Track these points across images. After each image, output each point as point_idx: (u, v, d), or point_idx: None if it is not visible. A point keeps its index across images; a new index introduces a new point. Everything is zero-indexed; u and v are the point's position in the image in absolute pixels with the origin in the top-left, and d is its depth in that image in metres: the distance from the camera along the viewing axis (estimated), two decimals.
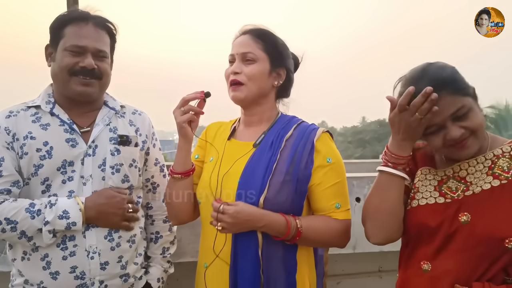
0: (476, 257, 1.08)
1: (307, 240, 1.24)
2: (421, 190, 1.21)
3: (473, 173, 1.16)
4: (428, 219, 1.16)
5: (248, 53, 1.30)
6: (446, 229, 1.12)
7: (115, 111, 1.47)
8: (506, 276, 1.07)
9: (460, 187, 1.16)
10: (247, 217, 1.18)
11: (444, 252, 1.13)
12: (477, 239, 1.07)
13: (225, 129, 1.46)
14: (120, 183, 1.39)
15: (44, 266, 1.27)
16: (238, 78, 1.30)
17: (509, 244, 1.04)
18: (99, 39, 1.38)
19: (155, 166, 1.56)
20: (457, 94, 1.10)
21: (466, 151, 1.13)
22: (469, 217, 1.10)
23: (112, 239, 1.33)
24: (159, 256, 1.59)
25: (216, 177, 1.31)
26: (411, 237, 1.22)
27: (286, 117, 1.40)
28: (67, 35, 1.35)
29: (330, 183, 1.27)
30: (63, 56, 1.34)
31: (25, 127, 1.33)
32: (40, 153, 1.30)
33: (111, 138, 1.40)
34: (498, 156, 1.15)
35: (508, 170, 1.11)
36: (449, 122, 1.10)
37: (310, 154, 1.26)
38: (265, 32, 1.35)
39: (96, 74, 1.36)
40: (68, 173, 1.32)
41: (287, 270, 1.25)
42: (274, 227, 1.20)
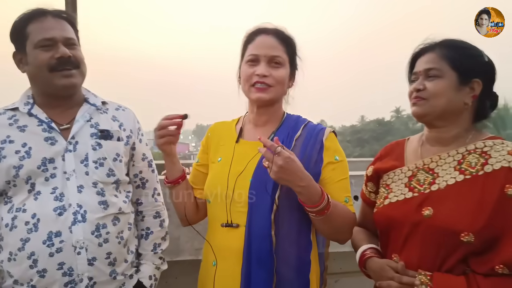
0: (436, 249, 1.14)
1: (330, 218, 1.22)
2: (393, 190, 1.30)
3: (441, 165, 1.21)
4: (396, 213, 1.24)
5: (277, 56, 1.32)
6: (411, 222, 1.19)
7: (96, 107, 1.46)
8: (467, 267, 1.13)
9: (428, 179, 1.22)
10: (296, 169, 1.16)
11: (409, 244, 1.20)
12: (436, 232, 1.13)
13: (230, 130, 1.47)
14: (106, 177, 1.38)
15: (31, 265, 1.26)
16: (267, 81, 1.31)
17: (464, 238, 1.09)
18: (63, 28, 1.36)
19: (142, 161, 1.55)
20: (444, 59, 1.20)
21: (415, 108, 1.24)
22: (431, 211, 1.15)
23: (100, 234, 1.31)
24: (150, 252, 1.56)
25: (227, 177, 1.33)
26: (383, 232, 1.32)
27: (292, 116, 1.43)
28: (31, 33, 1.33)
29: (339, 178, 1.32)
30: (35, 54, 1.32)
31: (2, 132, 1.33)
32: (19, 155, 1.30)
33: (92, 134, 1.40)
34: (470, 152, 1.18)
35: (475, 165, 1.14)
36: (422, 76, 1.23)
37: (320, 153, 1.30)
38: (288, 36, 1.38)
39: (74, 62, 1.35)
40: (50, 170, 1.31)
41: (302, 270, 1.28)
42: (312, 192, 1.18)
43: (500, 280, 1.07)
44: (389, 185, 1.33)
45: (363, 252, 1.35)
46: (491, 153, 1.14)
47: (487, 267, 1.09)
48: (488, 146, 1.16)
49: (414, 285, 1.13)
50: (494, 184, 1.10)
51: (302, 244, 1.28)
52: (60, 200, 1.30)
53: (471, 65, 1.19)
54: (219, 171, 1.38)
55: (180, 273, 1.97)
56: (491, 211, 1.08)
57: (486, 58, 1.22)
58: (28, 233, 1.27)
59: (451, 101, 1.18)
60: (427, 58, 1.24)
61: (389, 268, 1.21)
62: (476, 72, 1.19)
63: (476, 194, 1.11)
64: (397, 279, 1.17)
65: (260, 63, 1.31)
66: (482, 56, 1.22)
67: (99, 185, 1.36)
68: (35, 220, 1.27)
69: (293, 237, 1.27)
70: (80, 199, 1.32)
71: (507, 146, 1.14)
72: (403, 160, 1.34)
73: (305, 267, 1.27)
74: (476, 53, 1.21)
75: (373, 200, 1.43)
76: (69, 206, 1.30)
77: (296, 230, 1.27)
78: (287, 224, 1.26)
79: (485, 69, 1.21)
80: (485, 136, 1.21)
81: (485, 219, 1.08)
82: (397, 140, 1.47)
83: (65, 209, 1.29)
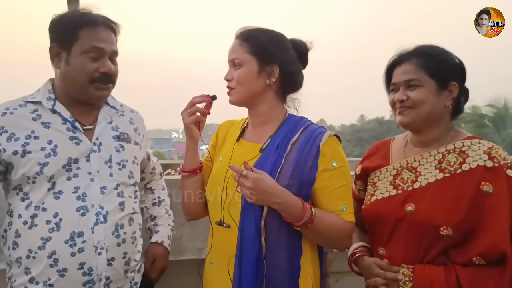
0: (418, 242, 1.22)
1: (316, 230, 1.21)
2: (380, 187, 1.37)
3: (423, 164, 1.30)
4: (382, 210, 1.32)
5: (235, 59, 1.32)
6: (395, 217, 1.27)
7: (116, 110, 1.50)
8: (447, 258, 1.21)
9: (411, 177, 1.30)
10: (265, 188, 1.15)
11: (394, 237, 1.28)
12: (418, 226, 1.21)
13: (236, 129, 1.47)
14: (127, 179, 1.42)
15: (51, 264, 1.26)
16: (230, 84, 1.34)
17: (443, 231, 1.17)
18: (112, 41, 1.40)
19: (152, 159, 1.68)
20: (422, 68, 1.25)
21: (402, 118, 1.29)
22: (413, 207, 1.23)
23: (119, 235, 1.34)
24: (165, 214, 1.67)
25: (224, 178, 1.32)
26: (371, 227, 1.39)
27: (294, 118, 1.38)
28: (82, 38, 1.33)
29: (335, 186, 1.26)
30: (82, 61, 1.33)
31: (26, 126, 1.31)
32: (45, 152, 1.30)
33: (114, 136, 1.43)
34: (449, 151, 1.26)
35: (454, 164, 1.23)
36: (402, 87, 1.28)
37: (315, 159, 1.25)
38: (251, 33, 1.34)
39: (112, 79, 1.41)
40: (73, 170, 1.32)
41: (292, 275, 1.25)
42: (290, 207, 1.18)
43: (477, 270, 1.15)
44: (375, 183, 1.41)
45: (354, 250, 1.41)
46: (469, 152, 1.22)
47: (465, 258, 1.17)
48: (466, 146, 1.24)
49: (397, 279, 1.21)
50: (470, 181, 1.18)
51: (291, 249, 1.26)
52: (83, 200, 1.31)
53: (447, 71, 1.27)
54: (218, 171, 1.37)
55: (182, 273, 1.98)
56: (467, 207, 1.16)
57: (456, 60, 1.30)
58: (49, 232, 1.27)
59: (434, 106, 1.26)
60: (404, 69, 1.29)
61: (375, 266, 1.29)
62: (452, 75, 1.27)
63: (454, 191, 1.19)
64: (382, 275, 1.25)
65: (229, 69, 1.35)
66: (454, 59, 1.30)
67: (121, 187, 1.39)
68: (57, 220, 1.27)
69: (283, 243, 1.25)
70: (103, 200, 1.33)
71: (483, 146, 1.21)
72: (389, 159, 1.42)
73: (294, 271, 1.26)
74: (449, 58, 1.29)
75: (363, 198, 1.49)
76: (92, 206, 1.31)
77: (286, 236, 1.25)
78: (277, 229, 1.24)
79: (458, 70, 1.30)
80: (464, 136, 1.29)
81: (462, 214, 1.16)
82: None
83: (88, 210, 1.30)
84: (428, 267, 1.20)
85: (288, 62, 1.33)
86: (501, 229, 1.13)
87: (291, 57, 1.35)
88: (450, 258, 1.20)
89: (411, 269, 1.21)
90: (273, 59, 1.31)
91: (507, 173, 1.16)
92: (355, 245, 1.42)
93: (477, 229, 1.15)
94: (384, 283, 1.25)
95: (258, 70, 1.30)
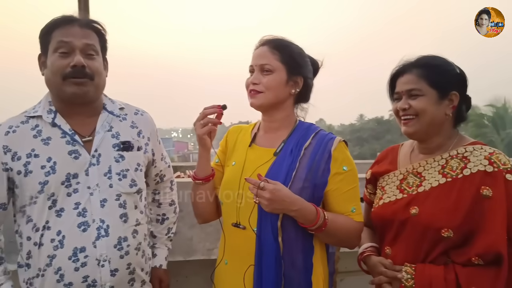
0: (421, 243, 1.29)
1: (329, 232, 1.29)
2: (387, 191, 1.44)
3: (428, 170, 1.36)
4: (388, 212, 1.39)
5: (266, 64, 1.36)
6: (400, 219, 1.34)
7: (114, 115, 1.46)
8: (448, 258, 1.27)
9: (416, 182, 1.37)
10: (283, 198, 1.23)
11: (398, 238, 1.36)
12: (421, 228, 1.28)
13: (246, 134, 1.52)
14: (129, 188, 1.39)
15: (58, 279, 1.29)
16: (257, 88, 1.37)
17: (444, 233, 1.23)
18: (85, 35, 1.35)
19: (161, 161, 1.61)
20: (423, 78, 1.31)
21: (406, 128, 1.36)
22: (417, 210, 1.30)
23: (121, 247, 1.35)
24: (165, 236, 1.66)
25: (238, 181, 1.37)
26: (379, 228, 1.46)
27: (304, 124, 1.45)
28: (54, 37, 1.33)
29: (346, 189, 1.34)
30: (53, 59, 1.32)
31: (27, 144, 1.32)
32: (44, 170, 1.30)
33: (114, 145, 1.40)
34: (452, 157, 1.33)
35: (456, 169, 1.29)
36: (405, 96, 1.35)
37: (327, 163, 1.33)
38: (282, 42, 1.41)
39: (88, 73, 1.33)
40: (73, 186, 1.32)
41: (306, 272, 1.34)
42: (306, 213, 1.25)
43: (475, 269, 1.22)
44: (383, 187, 1.48)
45: (364, 250, 1.48)
46: (470, 157, 1.28)
47: (465, 258, 1.23)
48: (468, 151, 1.30)
49: (398, 278, 1.29)
50: (471, 185, 1.23)
51: (306, 248, 1.34)
52: (83, 215, 1.31)
53: (447, 81, 1.32)
54: (232, 175, 1.42)
55: (190, 273, 2.02)
56: (467, 210, 1.22)
57: (457, 70, 1.35)
58: (54, 250, 1.29)
59: (435, 115, 1.32)
60: (406, 79, 1.35)
61: (380, 264, 1.36)
62: (452, 85, 1.32)
63: (455, 195, 1.25)
64: (385, 274, 1.33)
65: (255, 73, 1.39)
66: (454, 69, 1.35)
67: (122, 197, 1.38)
68: (61, 237, 1.30)
69: (299, 243, 1.33)
70: (103, 214, 1.33)
71: (484, 151, 1.27)
72: (396, 164, 1.49)
73: (308, 269, 1.34)
74: (449, 68, 1.35)
75: (373, 201, 1.55)
76: (93, 221, 1.32)
77: (301, 236, 1.33)
78: (293, 230, 1.31)
79: (458, 80, 1.35)
80: (468, 142, 1.35)
81: (462, 216, 1.22)
82: (396, 141, 1.62)
83: (89, 225, 1.31)
84: (429, 266, 1.26)
85: (309, 75, 1.44)
86: (497, 231, 1.19)
87: (310, 72, 1.45)
88: (450, 258, 1.26)
89: (414, 267, 1.28)
90: (300, 71, 1.40)
91: (506, 177, 1.21)
92: (365, 245, 1.49)
93: (476, 231, 1.21)
94: (387, 281, 1.33)
95: (287, 79, 1.38)
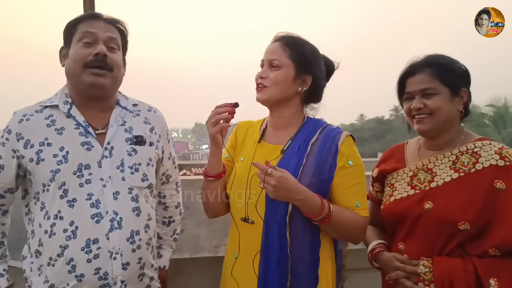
0: (436, 237, 1.31)
1: (333, 225, 1.30)
2: (397, 188, 1.46)
3: (438, 166, 1.39)
4: (401, 208, 1.40)
5: (274, 60, 1.38)
6: (414, 215, 1.35)
7: (127, 110, 1.48)
8: (462, 251, 1.29)
9: (427, 178, 1.39)
10: (289, 186, 1.24)
11: (412, 233, 1.37)
12: (437, 222, 1.30)
13: (255, 130, 1.53)
14: (140, 182, 1.41)
15: (69, 270, 1.29)
16: (263, 82, 1.39)
17: (461, 226, 1.26)
18: (109, 29, 1.40)
19: (168, 160, 1.60)
20: (435, 77, 1.34)
21: (420, 126, 1.37)
22: (431, 204, 1.32)
23: (134, 241, 1.35)
24: (170, 238, 1.68)
25: (247, 177, 1.39)
26: (390, 224, 1.48)
27: (312, 120, 1.46)
28: (79, 29, 1.37)
29: (351, 183, 1.35)
30: (76, 48, 1.35)
31: (40, 132, 1.34)
32: (56, 159, 1.31)
33: (127, 139, 1.42)
34: (462, 152, 1.36)
35: (467, 164, 1.32)
36: (418, 95, 1.37)
37: (334, 157, 1.34)
38: (295, 39, 1.42)
39: (108, 64, 1.36)
40: (85, 176, 1.33)
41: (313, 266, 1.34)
42: (310, 204, 1.27)
43: (492, 260, 1.24)
44: (393, 184, 1.49)
45: (374, 247, 1.49)
46: (481, 153, 1.32)
47: (481, 250, 1.26)
48: (478, 147, 1.34)
49: (417, 272, 1.29)
50: (484, 179, 1.27)
51: (313, 242, 1.35)
52: (97, 207, 1.32)
53: (457, 78, 1.37)
54: (241, 170, 1.43)
55: (196, 271, 2.02)
56: (482, 202, 1.25)
57: (464, 67, 1.41)
58: (66, 240, 1.29)
59: (449, 112, 1.36)
60: (418, 78, 1.37)
61: (395, 260, 1.36)
62: (461, 82, 1.38)
63: (469, 189, 1.28)
64: (402, 269, 1.33)
65: (264, 67, 1.40)
66: (461, 67, 1.40)
67: (134, 191, 1.39)
68: (73, 228, 1.30)
69: (306, 237, 1.34)
70: (116, 206, 1.34)
71: (494, 147, 1.31)
72: (404, 162, 1.51)
73: (315, 263, 1.34)
74: (457, 66, 1.39)
75: (380, 199, 1.57)
76: (106, 213, 1.32)
77: (308, 230, 1.34)
78: (300, 224, 1.32)
79: (465, 77, 1.40)
80: (475, 138, 1.39)
81: (478, 209, 1.25)
82: (397, 141, 1.64)
83: (102, 217, 1.32)
84: (446, 259, 1.28)
85: (319, 75, 1.43)
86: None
87: (322, 72, 1.45)
88: (466, 250, 1.28)
89: (431, 261, 1.29)
90: (309, 70, 1.40)
91: None
92: (374, 242, 1.50)
93: (491, 223, 1.24)
94: (405, 276, 1.33)
95: (294, 76, 1.39)
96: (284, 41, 1.41)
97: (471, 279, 1.23)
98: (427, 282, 1.27)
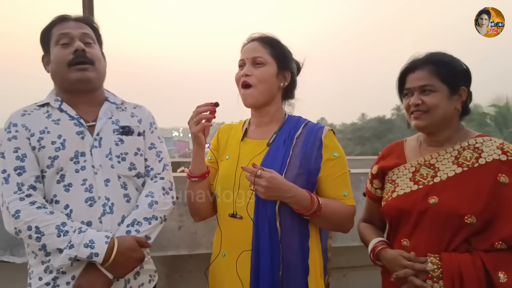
0: (442, 231, 1.32)
1: (324, 217, 1.35)
2: (399, 184, 1.46)
3: (441, 161, 1.40)
4: (404, 204, 1.40)
5: (258, 57, 1.43)
6: (418, 210, 1.36)
7: (116, 105, 1.55)
8: (469, 245, 1.30)
9: (430, 173, 1.40)
10: (279, 185, 1.29)
11: (418, 228, 1.37)
12: (442, 216, 1.31)
13: (237, 130, 1.58)
14: (127, 171, 1.45)
15: None
16: (249, 80, 1.43)
17: (467, 220, 1.27)
18: (81, 27, 1.48)
19: (149, 150, 1.54)
20: (434, 75, 1.36)
21: (417, 122, 1.39)
22: (436, 199, 1.33)
23: None
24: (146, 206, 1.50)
25: (234, 174, 1.43)
26: (393, 220, 1.47)
27: (293, 117, 1.54)
28: (53, 33, 1.46)
29: (338, 174, 1.42)
30: (56, 51, 1.44)
31: (40, 123, 1.41)
32: (55, 145, 1.38)
33: (114, 130, 1.48)
34: (464, 148, 1.38)
35: (470, 159, 1.35)
36: (417, 92, 1.38)
37: (319, 150, 1.40)
38: (272, 39, 1.49)
39: (88, 58, 1.44)
40: (81, 163, 1.39)
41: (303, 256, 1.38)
42: (300, 200, 1.31)
43: (499, 254, 1.26)
44: (395, 180, 1.49)
45: (375, 244, 1.47)
46: (483, 148, 1.34)
47: (487, 244, 1.27)
48: (479, 142, 1.37)
49: (426, 270, 1.29)
50: (488, 173, 1.29)
51: (302, 232, 1.38)
52: (90, 191, 1.37)
53: (456, 77, 1.38)
54: (227, 168, 1.46)
55: (194, 268, 2.03)
56: (487, 196, 1.27)
57: (464, 66, 1.42)
58: None
59: (446, 109, 1.37)
60: (418, 75, 1.39)
61: (402, 257, 1.35)
62: (461, 81, 1.39)
63: (474, 183, 1.30)
64: (411, 267, 1.31)
65: (246, 65, 1.44)
66: (461, 65, 1.41)
67: (122, 179, 1.44)
68: (68, 211, 1.35)
69: (295, 227, 1.37)
70: (107, 192, 1.39)
71: (495, 142, 1.34)
72: (405, 158, 1.52)
73: (304, 253, 1.38)
74: (457, 64, 1.40)
75: (379, 196, 1.57)
76: (99, 198, 1.38)
77: (297, 220, 1.37)
78: (289, 215, 1.36)
79: (465, 76, 1.41)
80: (474, 134, 1.41)
81: (483, 203, 1.27)
82: (398, 140, 1.65)
83: (95, 201, 1.37)
84: (455, 255, 1.29)
85: (294, 72, 1.52)
86: None
87: (295, 69, 1.54)
88: (472, 245, 1.30)
89: (438, 257, 1.30)
90: (288, 66, 1.49)
91: None
92: (374, 240, 1.50)
93: (497, 217, 1.27)
94: (414, 274, 1.31)
95: (277, 73, 1.46)
96: (262, 40, 1.48)
97: (481, 273, 1.24)
98: (436, 279, 1.27)
